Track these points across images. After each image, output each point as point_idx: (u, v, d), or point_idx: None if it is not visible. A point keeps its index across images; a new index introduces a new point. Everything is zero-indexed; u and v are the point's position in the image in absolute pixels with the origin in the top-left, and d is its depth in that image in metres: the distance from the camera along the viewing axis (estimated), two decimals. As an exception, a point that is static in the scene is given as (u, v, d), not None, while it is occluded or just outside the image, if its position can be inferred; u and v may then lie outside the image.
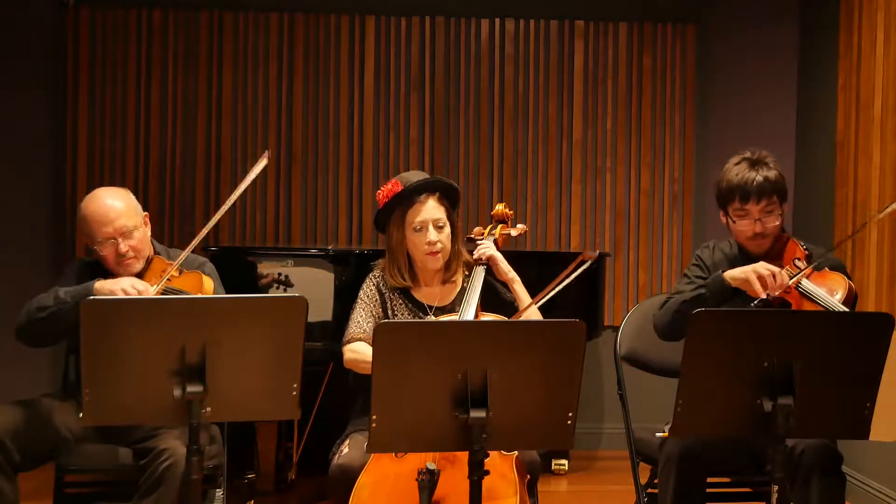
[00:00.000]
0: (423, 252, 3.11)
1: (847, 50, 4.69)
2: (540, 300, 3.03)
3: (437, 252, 3.12)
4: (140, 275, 3.12)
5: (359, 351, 3.07)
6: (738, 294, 2.95)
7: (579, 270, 2.89)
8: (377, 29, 5.31)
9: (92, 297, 2.43)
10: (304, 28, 5.29)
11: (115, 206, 3.10)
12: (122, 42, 5.20)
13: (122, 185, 3.28)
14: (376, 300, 3.17)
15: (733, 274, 2.96)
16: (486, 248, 3.20)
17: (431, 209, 3.11)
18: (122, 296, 2.91)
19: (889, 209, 3.09)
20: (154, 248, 3.23)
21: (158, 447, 2.87)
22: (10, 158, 5.13)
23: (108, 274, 3.14)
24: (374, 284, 3.19)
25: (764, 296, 2.88)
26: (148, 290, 2.97)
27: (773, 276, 2.88)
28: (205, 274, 3.17)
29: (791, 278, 2.90)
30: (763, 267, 2.91)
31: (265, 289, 4.20)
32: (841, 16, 4.75)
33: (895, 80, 4.23)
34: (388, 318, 3.14)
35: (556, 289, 2.96)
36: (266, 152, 3.13)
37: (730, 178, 3.04)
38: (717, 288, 2.97)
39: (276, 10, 5.27)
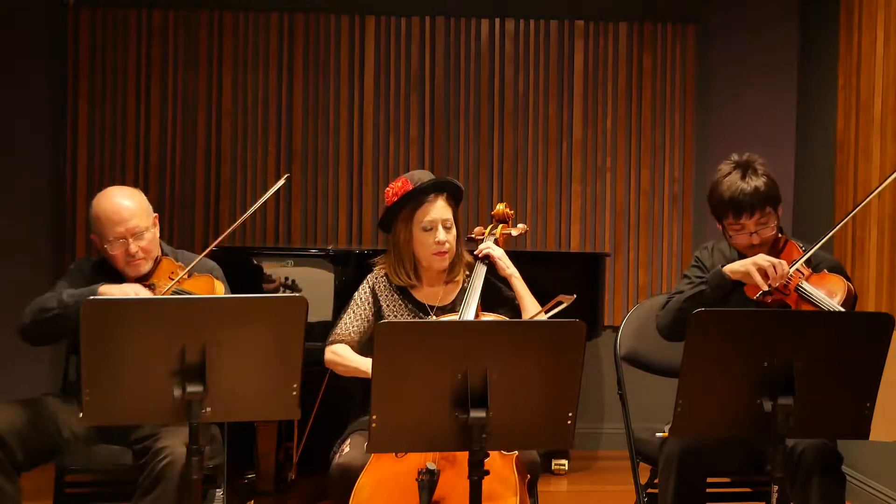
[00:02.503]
0: (430, 251, 3.12)
1: (847, 50, 4.69)
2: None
3: (445, 252, 3.12)
4: (148, 275, 3.13)
5: (339, 353, 3.10)
6: (739, 287, 2.95)
7: (556, 310, 2.91)
8: (377, 29, 5.31)
9: (92, 297, 2.43)
10: (304, 28, 5.29)
11: (127, 205, 3.11)
12: (122, 42, 5.20)
13: (121, 185, 3.29)
14: (369, 303, 3.17)
15: (733, 267, 2.95)
16: (487, 248, 3.20)
17: (440, 209, 3.12)
18: None
19: (890, 178, 3.06)
20: (162, 250, 3.24)
21: (157, 446, 2.87)
22: (10, 158, 5.13)
23: (115, 272, 3.15)
24: (369, 287, 3.19)
25: (766, 287, 2.87)
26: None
27: (774, 266, 2.88)
28: (216, 279, 3.18)
29: (791, 268, 2.90)
30: (763, 259, 2.91)
31: (271, 293, 4.19)
32: (841, 16, 4.75)
33: (895, 80, 4.23)
34: (384, 319, 3.14)
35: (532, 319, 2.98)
36: (288, 175, 3.20)
37: (721, 191, 3.00)
38: (717, 283, 2.97)
39: (276, 10, 5.27)
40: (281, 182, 3.22)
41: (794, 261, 2.94)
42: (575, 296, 2.91)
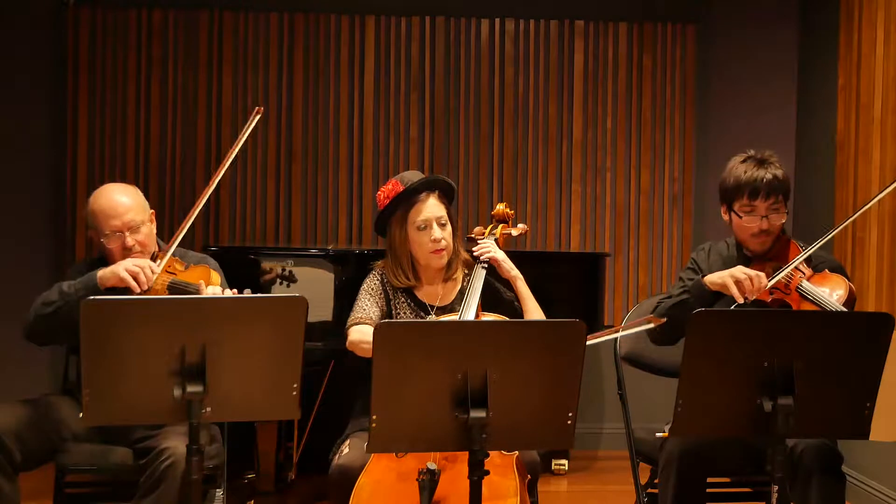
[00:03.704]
0: (428, 250, 3.12)
1: (847, 50, 4.69)
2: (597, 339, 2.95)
3: (443, 249, 3.12)
4: None
5: (365, 332, 3.05)
6: (721, 297, 2.96)
7: (642, 328, 2.90)
8: (377, 29, 5.31)
9: (92, 298, 2.42)
10: (304, 28, 5.29)
11: (123, 200, 3.13)
12: (122, 42, 5.20)
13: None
14: (380, 293, 3.17)
15: (712, 279, 2.97)
16: (488, 249, 3.20)
17: (433, 207, 3.12)
18: (125, 275, 2.92)
19: (890, 188, 3.07)
20: (159, 246, 3.25)
21: (159, 447, 2.87)
22: (10, 158, 5.13)
23: None
24: (378, 279, 3.19)
25: (742, 300, 2.88)
26: (152, 266, 2.98)
27: (751, 280, 2.89)
28: (212, 269, 3.19)
29: (771, 281, 2.91)
30: (740, 271, 2.91)
31: (269, 285, 4.20)
32: (841, 16, 4.75)
33: (895, 80, 4.23)
34: (391, 317, 3.15)
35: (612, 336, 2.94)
36: (260, 108, 3.18)
37: (738, 174, 3.04)
38: (698, 293, 2.99)
39: (276, 10, 5.27)
40: (256, 118, 3.14)
41: (776, 271, 2.94)
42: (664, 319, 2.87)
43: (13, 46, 5.13)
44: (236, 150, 3.15)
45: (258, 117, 3.14)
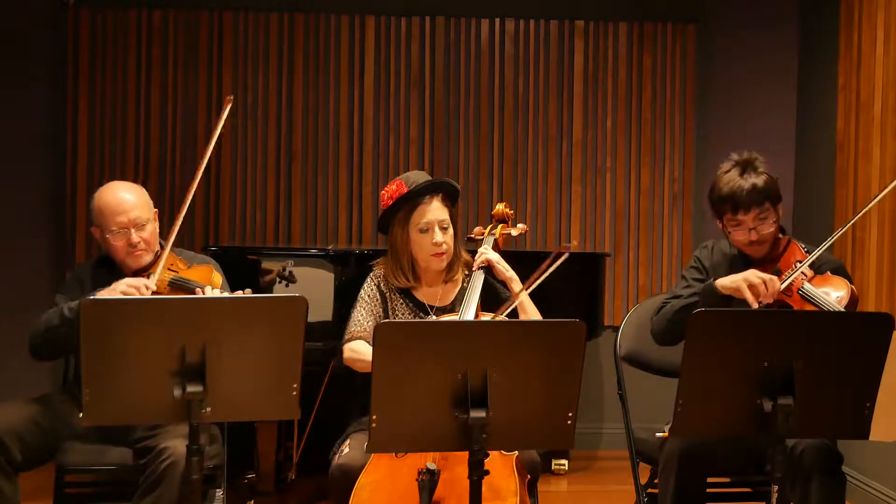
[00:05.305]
0: (428, 253, 3.12)
1: (847, 50, 4.69)
2: (526, 290, 3.02)
3: (443, 253, 3.12)
4: (148, 267, 3.15)
5: (357, 350, 3.08)
6: (732, 301, 2.95)
7: (558, 262, 2.90)
8: (377, 29, 5.31)
9: (92, 297, 2.43)
10: (304, 28, 5.29)
11: (129, 197, 3.16)
12: (122, 42, 5.21)
13: (123, 182, 3.31)
14: (377, 299, 3.17)
15: (724, 283, 2.95)
16: (484, 252, 3.19)
17: (436, 210, 3.12)
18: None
19: (889, 188, 3.07)
20: (161, 245, 3.25)
21: (159, 446, 2.88)
22: (10, 158, 5.13)
23: (115, 268, 3.17)
24: (374, 284, 3.20)
25: (756, 305, 2.87)
26: (148, 284, 2.99)
27: (765, 283, 2.88)
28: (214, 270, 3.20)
29: (783, 284, 2.90)
30: (754, 275, 2.90)
31: (269, 285, 4.20)
32: (841, 16, 4.75)
33: (895, 80, 4.23)
34: (389, 318, 3.15)
35: (538, 281, 2.95)
36: (230, 97, 3.17)
37: (720, 187, 3.02)
38: (709, 296, 2.97)
39: (276, 10, 5.27)
40: (227, 108, 3.08)
41: (786, 276, 2.93)
42: (574, 242, 2.87)
43: (13, 47, 5.13)
44: (212, 145, 3.11)
45: (229, 107, 3.08)
